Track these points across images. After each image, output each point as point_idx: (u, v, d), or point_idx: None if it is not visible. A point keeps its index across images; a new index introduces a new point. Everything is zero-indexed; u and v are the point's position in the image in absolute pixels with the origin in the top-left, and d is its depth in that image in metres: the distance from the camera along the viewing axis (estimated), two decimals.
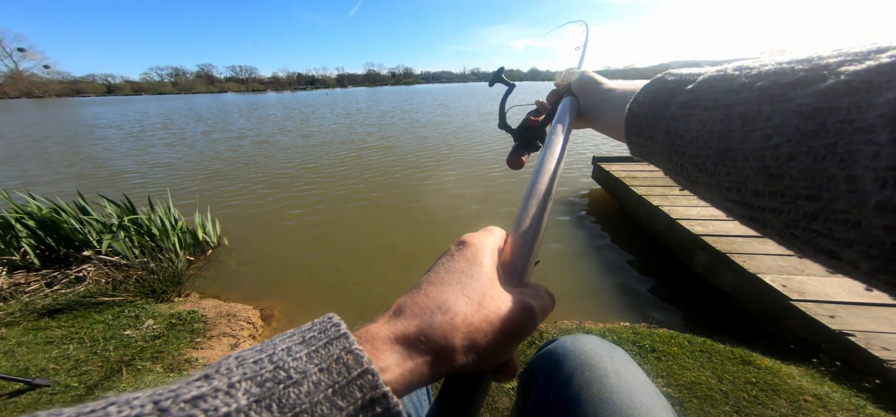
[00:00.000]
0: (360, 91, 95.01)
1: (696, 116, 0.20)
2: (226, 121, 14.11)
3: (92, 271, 2.06)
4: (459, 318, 0.17)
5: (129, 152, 7.59)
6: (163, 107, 28.85)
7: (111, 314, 1.76)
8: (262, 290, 2.28)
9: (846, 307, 1.47)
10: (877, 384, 1.21)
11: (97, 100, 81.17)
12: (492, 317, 0.18)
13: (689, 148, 0.21)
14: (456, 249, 0.22)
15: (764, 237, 0.19)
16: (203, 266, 2.57)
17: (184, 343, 1.65)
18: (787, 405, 1.15)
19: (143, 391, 0.12)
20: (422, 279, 0.20)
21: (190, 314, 1.85)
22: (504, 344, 0.18)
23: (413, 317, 0.17)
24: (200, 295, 2.20)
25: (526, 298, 0.20)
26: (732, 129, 0.17)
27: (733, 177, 0.18)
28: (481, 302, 0.18)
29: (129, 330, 1.64)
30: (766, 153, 0.16)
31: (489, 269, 0.20)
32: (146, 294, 1.99)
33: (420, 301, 0.18)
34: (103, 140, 9.59)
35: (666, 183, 3.07)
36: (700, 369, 1.32)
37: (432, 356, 0.16)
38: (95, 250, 2.20)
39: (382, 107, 19.06)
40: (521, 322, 0.19)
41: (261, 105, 28.56)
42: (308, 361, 0.14)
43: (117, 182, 5.11)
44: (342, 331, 0.15)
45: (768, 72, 0.17)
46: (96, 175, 5.61)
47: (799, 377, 1.28)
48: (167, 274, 2.14)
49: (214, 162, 6.28)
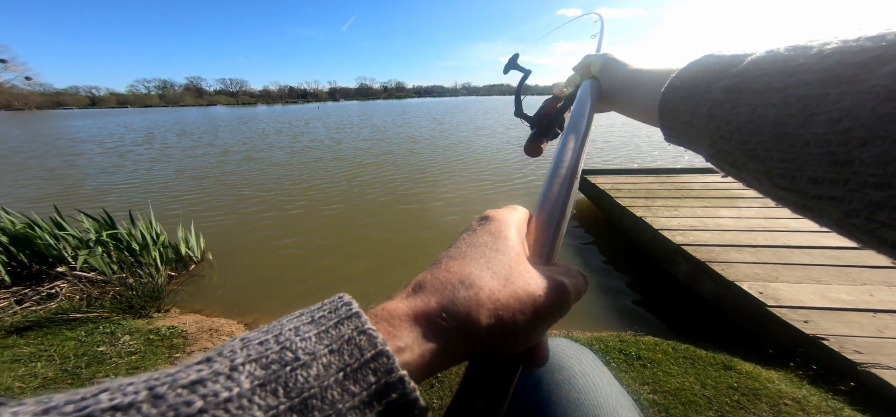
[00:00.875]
0: (352, 104, 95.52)
1: (744, 100, 0.19)
2: (213, 135, 13.95)
3: (65, 287, 1.98)
4: (484, 293, 0.16)
5: (110, 166, 7.38)
6: (147, 120, 28.33)
7: (84, 330, 1.69)
8: (247, 305, 2.23)
9: (819, 312, 1.52)
10: (852, 386, 1.25)
11: (79, 113, 79.18)
12: (520, 294, 0.16)
13: (736, 134, 0.19)
14: (479, 224, 0.20)
15: (820, 225, 0.18)
16: (185, 281, 2.50)
17: (162, 359, 1.59)
18: (769, 409, 1.17)
19: (138, 376, 0.11)
20: (442, 254, 0.19)
21: (169, 329, 1.79)
22: (534, 325, 0.16)
23: (433, 293, 0.16)
24: (181, 311, 2.13)
25: (557, 276, 0.18)
26: (791, 114, 0.16)
27: (788, 164, 0.17)
28: (508, 277, 0.17)
29: (103, 346, 1.58)
30: (833, 138, 0.14)
31: (516, 243, 0.19)
32: (123, 309, 1.92)
33: (441, 275, 0.17)
34: (83, 154, 9.32)
35: (649, 194, 3.16)
36: (684, 375, 1.34)
37: (455, 336, 0.15)
38: (70, 266, 2.12)
39: (374, 122, 19.17)
40: (553, 301, 0.17)
41: (250, 119, 28.37)
42: (317, 341, 0.13)
43: (98, 197, 4.96)
44: (354, 310, 0.14)
45: (832, 52, 0.16)
46: (76, 190, 5.43)
47: (778, 381, 1.31)
48: (146, 289, 2.07)
49: (199, 176, 6.17)
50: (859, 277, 1.76)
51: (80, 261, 2.09)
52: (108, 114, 59.23)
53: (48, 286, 1.99)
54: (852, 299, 1.59)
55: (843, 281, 1.74)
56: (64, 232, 2.30)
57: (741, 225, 2.42)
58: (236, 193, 4.92)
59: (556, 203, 0.24)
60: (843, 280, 1.74)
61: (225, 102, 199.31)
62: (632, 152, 7.45)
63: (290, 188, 5.09)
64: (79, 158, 8.47)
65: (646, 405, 1.22)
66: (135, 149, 10.16)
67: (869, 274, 1.78)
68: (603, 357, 1.46)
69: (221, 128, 17.06)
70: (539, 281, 0.17)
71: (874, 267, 1.83)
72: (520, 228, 0.21)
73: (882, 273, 1.78)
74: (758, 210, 2.69)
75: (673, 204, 2.89)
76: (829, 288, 1.69)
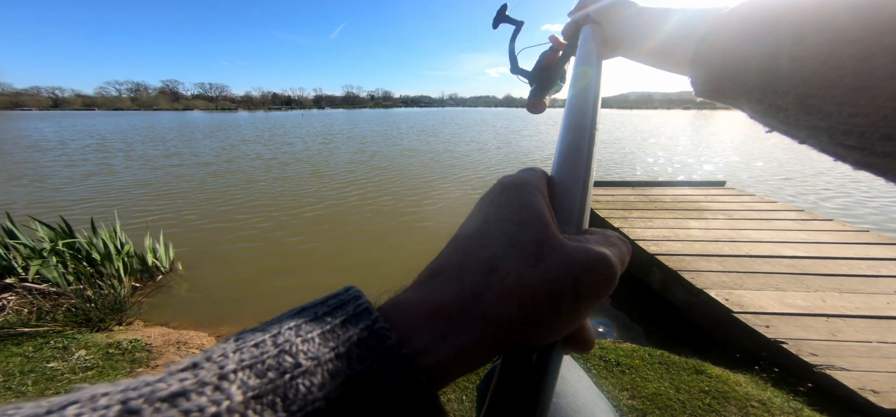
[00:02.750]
0: (337, 113, 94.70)
1: (809, 51, 0.17)
2: (188, 144, 13.40)
3: (13, 300, 1.82)
4: (512, 279, 0.13)
5: (64, 170, 6.91)
6: (113, 124, 26.84)
7: (32, 345, 1.55)
8: (219, 317, 2.12)
9: (778, 317, 1.62)
10: (810, 387, 1.33)
11: (38, 115, 74.02)
12: (555, 275, 0.14)
13: (798, 88, 0.17)
14: (497, 192, 0.17)
15: (884, 179, 0.16)
16: (151, 292, 2.35)
17: (122, 374, 1.47)
18: (737, 411, 1.23)
19: (115, 384, 0.09)
20: (458, 231, 0.16)
21: (131, 343, 1.67)
22: (574, 310, 0.14)
23: (452, 281, 0.14)
24: (145, 323, 2.00)
25: (596, 246, 0.15)
26: (876, 65, 0.14)
27: (861, 120, 0.15)
28: (538, 255, 0.14)
29: (55, 362, 1.45)
30: None
31: (543, 212, 0.16)
32: (79, 323, 1.77)
33: (457, 259, 0.14)
34: (35, 159, 8.68)
35: (626, 205, 3.30)
36: (660, 380, 1.38)
37: (481, 333, 0.13)
38: (20, 277, 1.95)
39: (361, 130, 19.01)
40: (595, 277, 0.14)
41: (227, 125, 27.49)
42: (322, 343, 0.11)
43: (58, 204, 4.61)
44: (363, 305, 0.13)
45: None
46: (36, 196, 5.03)
47: (745, 384, 1.37)
48: (107, 301, 1.93)
49: (169, 184, 5.89)
50: (813, 284, 1.89)
51: (31, 273, 1.93)
52: (71, 117, 55.73)
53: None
54: (807, 304, 1.71)
55: (798, 287, 1.86)
56: (15, 240, 2.12)
57: (709, 236, 2.55)
58: (211, 202, 4.71)
59: (578, 158, 0.21)
60: (798, 287, 1.87)
61: (203, 107, 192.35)
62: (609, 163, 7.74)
63: (268, 199, 4.94)
64: (36, 163, 7.87)
65: (625, 410, 1.25)
66: (97, 154, 9.58)
67: (821, 281, 1.92)
68: (583, 363, 1.49)
69: (198, 137, 16.41)
70: (576, 255, 0.14)
71: (826, 274, 1.97)
72: (544, 192, 0.18)
73: (834, 280, 1.92)
74: (723, 221, 2.86)
75: (648, 215, 3.02)
76: (787, 294, 1.80)
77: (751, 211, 3.11)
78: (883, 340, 1.45)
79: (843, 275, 1.96)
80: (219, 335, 1.93)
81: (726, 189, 4.08)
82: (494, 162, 8.22)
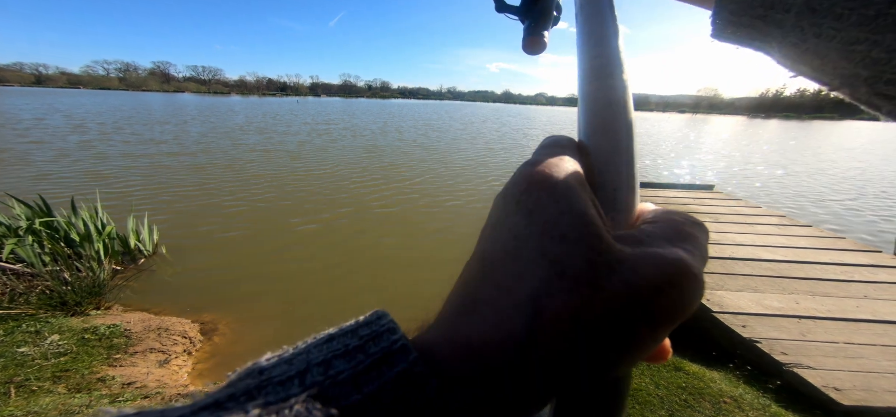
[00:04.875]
0: (333, 101, 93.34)
1: None
2: (178, 127, 13.10)
3: None
4: (565, 324, 0.10)
5: (52, 145, 6.69)
6: (105, 103, 26.03)
7: (2, 329, 1.50)
8: (205, 303, 2.08)
9: (755, 317, 1.68)
10: (778, 384, 1.39)
11: (19, 91, 71.33)
12: (621, 304, 0.11)
13: (845, 32, 0.13)
14: (523, 190, 0.13)
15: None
16: (132, 276, 2.30)
17: (98, 359, 1.45)
18: (711, 407, 1.28)
19: (124, 412, 0.08)
20: (483, 247, 0.13)
21: (109, 328, 1.64)
22: (650, 341, 0.11)
23: (488, 321, 0.11)
24: (125, 308, 1.96)
25: (667, 252, 0.12)
26: None
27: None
28: (595, 281, 0.11)
29: (26, 347, 1.41)
30: None
31: (591, 215, 0.12)
32: (53, 306, 1.73)
33: (488, 294, 0.12)
34: (23, 133, 8.39)
35: None
36: (641, 376, 1.43)
37: (530, 385, 0.10)
38: None
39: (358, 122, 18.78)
40: (676, 296, 0.11)
41: (220, 107, 26.91)
42: (353, 388, 0.10)
43: (38, 183, 4.47)
44: (398, 343, 0.11)
45: None
46: (14, 173, 4.87)
47: (719, 381, 1.42)
48: (85, 284, 1.88)
49: (158, 165, 5.75)
50: (788, 287, 1.95)
51: (5, 252, 1.87)
52: (56, 94, 53.84)
53: None
54: (782, 306, 1.77)
55: (775, 290, 1.92)
56: None
57: None
58: (200, 186, 4.62)
59: (612, 115, 0.16)
60: (775, 289, 1.93)
61: (194, 90, 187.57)
62: None
63: (259, 186, 4.87)
64: (13, 138, 7.60)
65: None
66: (81, 133, 9.29)
67: (797, 284, 1.98)
68: None
69: (190, 121, 16.03)
70: (644, 270, 0.11)
71: (801, 277, 2.04)
72: (583, 181, 0.13)
73: (808, 283, 1.99)
74: (709, 224, 2.89)
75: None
76: (764, 296, 1.86)
77: (736, 214, 3.18)
78: (849, 341, 1.51)
79: (816, 279, 2.02)
80: (202, 322, 1.91)
81: (714, 193, 4.16)
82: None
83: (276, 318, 2.03)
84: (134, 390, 1.30)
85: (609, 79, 0.17)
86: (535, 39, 0.33)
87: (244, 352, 1.72)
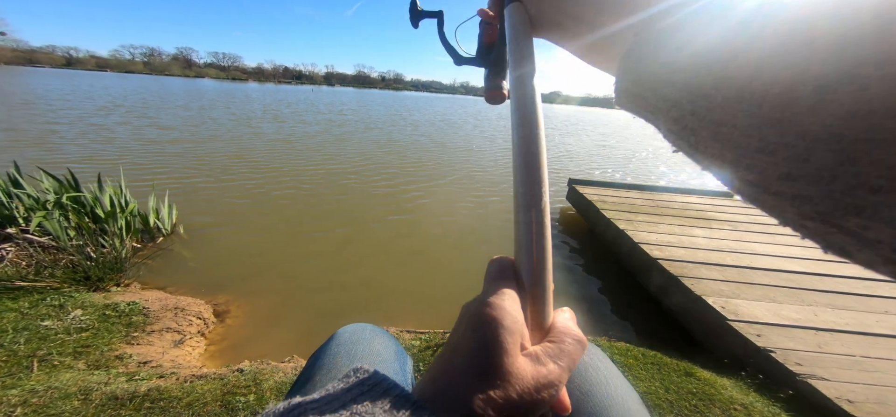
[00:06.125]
0: (347, 91, 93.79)
1: (740, 72, 0.15)
2: (200, 111, 13.43)
3: (12, 251, 1.85)
4: (480, 404, 0.17)
5: (80, 124, 6.98)
6: (130, 85, 26.93)
7: (28, 301, 1.57)
8: (219, 285, 2.15)
9: (771, 327, 1.63)
10: (790, 394, 1.36)
11: (52, 72, 74.46)
12: (512, 403, 0.17)
13: (713, 113, 0.16)
14: (471, 325, 0.19)
15: (776, 220, 0.16)
16: (151, 254, 2.39)
17: (117, 337, 1.51)
18: (721, 413, 1.25)
19: None
20: (451, 342, 0.20)
21: (129, 305, 1.70)
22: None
23: (440, 392, 0.17)
24: (143, 286, 2.04)
25: (538, 366, 0.18)
26: (798, 98, 0.12)
27: (766, 156, 0.14)
28: (490, 390, 0.17)
29: (49, 320, 1.47)
30: (849, 133, 0.11)
31: (502, 352, 0.18)
32: (77, 281, 1.81)
33: (443, 385, 0.18)
34: (54, 111, 8.78)
35: (632, 208, 3.25)
36: (651, 380, 1.41)
37: None
38: (21, 228, 1.98)
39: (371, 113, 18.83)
40: (548, 396, 0.18)
41: (237, 93, 27.46)
42: None
43: (66, 157, 4.68)
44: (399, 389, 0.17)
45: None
46: (43, 149, 5.11)
47: (730, 388, 1.39)
48: (107, 260, 1.96)
49: (179, 145, 5.92)
50: (807, 298, 1.88)
51: (33, 224, 1.96)
52: (84, 76, 55.96)
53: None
54: (800, 317, 1.71)
55: (793, 301, 1.85)
56: (19, 190, 2.15)
57: (712, 244, 2.53)
58: (219, 168, 4.75)
59: (540, 256, 0.20)
60: (793, 300, 1.86)
61: (214, 76, 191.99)
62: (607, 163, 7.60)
63: (276, 170, 4.96)
64: (42, 116, 7.96)
65: None
66: (108, 112, 9.64)
67: (816, 296, 1.91)
68: (611, 356, 1.52)
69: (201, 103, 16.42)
70: (527, 383, 0.17)
71: (822, 290, 1.96)
72: (511, 311, 0.19)
73: (827, 296, 1.91)
74: (728, 232, 2.83)
75: (653, 220, 3.00)
76: (782, 306, 1.80)
77: (755, 223, 3.07)
78: (866, 355, 1.47)
79: (837, 292, 1.95)
80: (217, 303, 1.97)
81: (734, 200, 4.00)
82: None
83: (285, 305, 2.07)
84: (149, 369, 1.34)
85: (527, 192, 0.21)
86: (494, 92, 0.34)
87: (255, 336, 1.77)
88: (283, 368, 1.35)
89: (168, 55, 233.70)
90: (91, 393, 1.11)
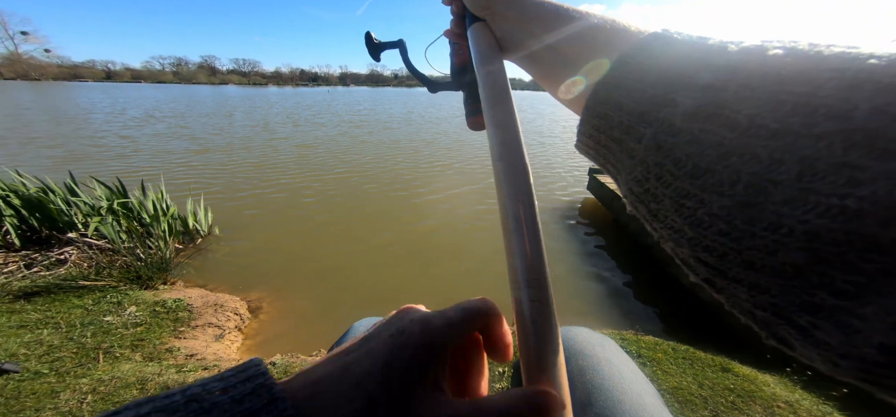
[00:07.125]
0: (361, 90, 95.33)
1: (713, 138, 0.13)
2: (227, 117, 14.05)
3: (75, 254, 2.02)
4: None
5: (123, 134, 7.50)
6: (163, 95, 28.64)
7: (91, 299, 1.71)
8: (252, 282, 2.25)
9: None
10: (844, 392, 1.25)
11: (94, 86, 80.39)
12: None
13: (682, 183, 0.14)
14: (392, 329, 0.17)
15: (725, 304, 0.15)
16: (191, 254, 2.53)
17: (166, 331, 1.62)
18: (762, 410, 1.17)
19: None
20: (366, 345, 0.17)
21: (175, 302, 1.81)
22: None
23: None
24: (186, 284, 2.16)
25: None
26: (777, 181, 0.11)
27: (729, 241, 0.13)
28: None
29: (110, 316, 1.60)
30: (828, 235, 0.10)
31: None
32: (131, 280, 1.95)
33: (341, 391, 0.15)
34: (99, 123, 9.48)
35: None
36: (682, 375, 1.34)
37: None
38: (80, 233, 2.16)
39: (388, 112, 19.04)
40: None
41: (259, 98, 28.50)
42: (222, 393, 0.13)
43: (110, 165, 5.04)
44: (262, 369, 0.15)
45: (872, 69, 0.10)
46: (91, 158, 5.53)
47: (773, 385, 1.30)
48: (154, 260, 2.10)
49: (210, 151, 6.23)
50: None
51: (91, 229, 2.13)
52: (122, 88, 60.04)
53: (58, 252, 2.03)
54: None
55: None
56: (76, 198, 2.34)
57: None
58: (248, 170, 4.96)
59: (526, 242, 0.17)
60: None
61: (237, 82, 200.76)
62: None
63: (303, 172, 5.12)
64: (90, 127, 8.61)
65: None
66: (146, 122, 10.30)
67: None
68: (627, 348, 1.47)
69: (229, 108, 17.17)
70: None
71: None
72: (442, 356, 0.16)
73: None
74: None
75: None
76: None
77: None
78: None
79: None
80: (250, 300, 2.06)
81: None
82: None
83: (314, 301, 2.14)
84: (195, 361, 1.43)
85: (522, 206, 0.18)
86: (474, 119, 0.32)
87: (285, 331, 1.84)
88: (311, 361, 1.40)
89: (194, 64, 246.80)
90: (147, 384, 1.19)
